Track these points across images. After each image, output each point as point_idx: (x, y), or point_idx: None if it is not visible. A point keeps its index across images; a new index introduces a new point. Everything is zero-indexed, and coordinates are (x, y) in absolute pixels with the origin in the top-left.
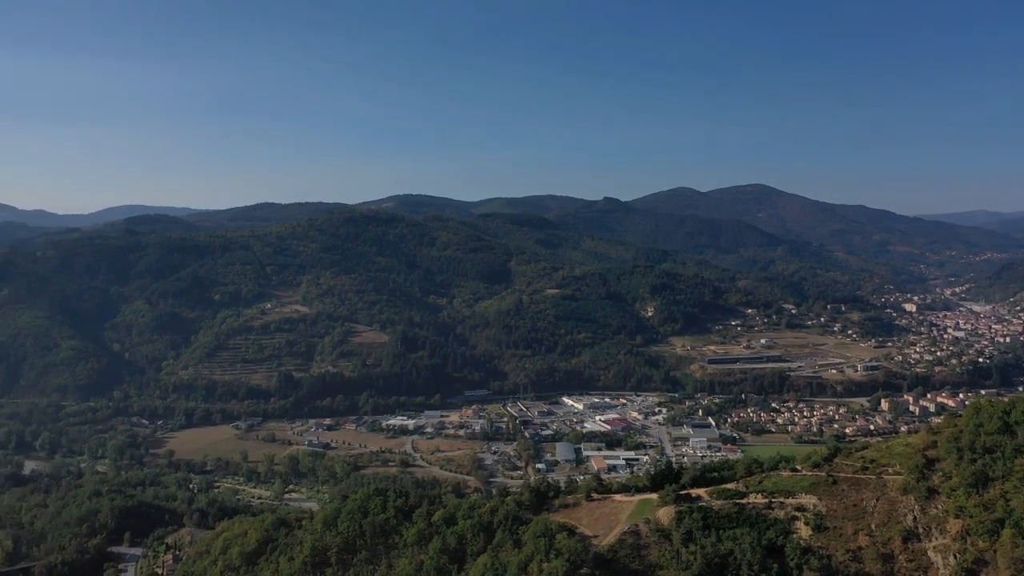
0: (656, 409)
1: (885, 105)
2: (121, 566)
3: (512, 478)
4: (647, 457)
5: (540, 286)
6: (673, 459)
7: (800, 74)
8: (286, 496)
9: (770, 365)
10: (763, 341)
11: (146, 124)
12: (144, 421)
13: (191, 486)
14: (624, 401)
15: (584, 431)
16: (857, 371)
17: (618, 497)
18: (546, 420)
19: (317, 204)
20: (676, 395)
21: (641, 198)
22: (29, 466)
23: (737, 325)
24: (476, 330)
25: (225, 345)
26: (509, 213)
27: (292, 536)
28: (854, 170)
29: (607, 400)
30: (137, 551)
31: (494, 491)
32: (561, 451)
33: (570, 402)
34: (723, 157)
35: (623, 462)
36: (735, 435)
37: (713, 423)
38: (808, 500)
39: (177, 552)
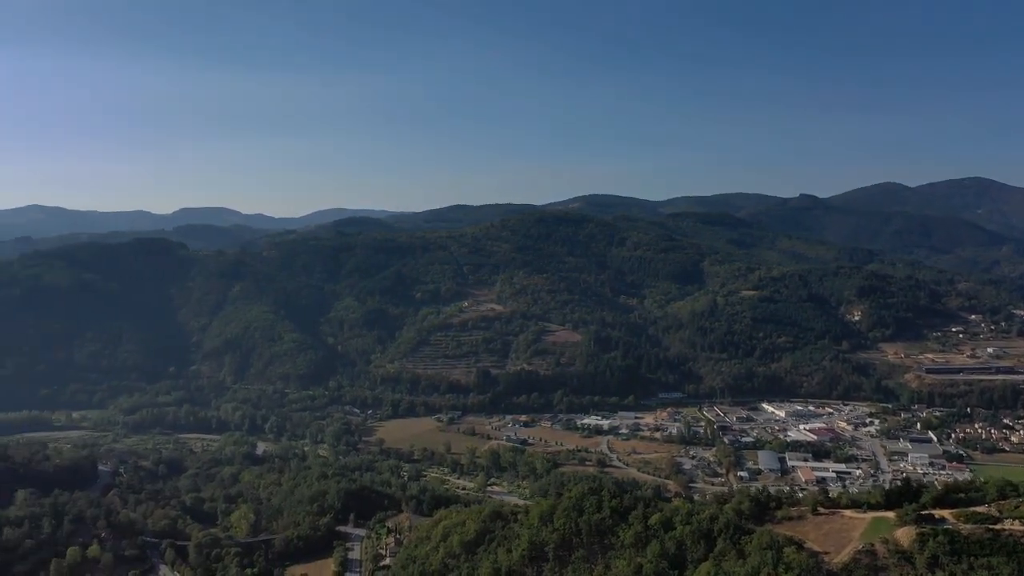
0: (867, 420)
1: None
2: (348, 544)
3: (713, 485)
4: (860, 471)
5: (735, 287)
6: (890, 475)
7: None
8: (488, 489)
9: (1000, 377)
10: (990, 350)
11: (348, 132)
12: (355, 410)
13: (402, 473)
14: (830, 410)
15: (788, 440)
16: None
17: (848, 513)
18: (745, 426)
19: (507, 205)
20: (889, 406)
21: (841, 195)
22: (261, 447)
23: (958, 332)
24: (669, 331)
25: (427, 341)
26: (698, 212)
27: (508, 529)
28: None
29: (811, 408)
30: (361, 532)
31: (695, 496)
32: (764, 459)
33: (770, 409)
34: (934, 148)
35: (833, 475)
36: (961, 452)
37: (934, 438)
38: None
39: (398, 536)
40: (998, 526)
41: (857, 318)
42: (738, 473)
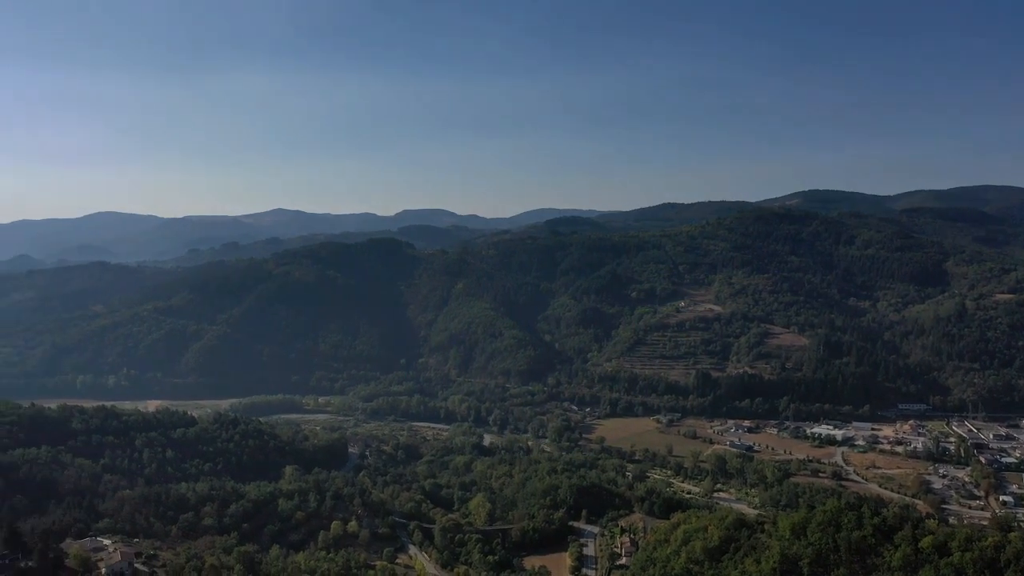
0: None
1: None
2: (582, 541)
3: (970, 508)
4: None
5: (987, 290)
6: None
7: None
8: (714, 495)
9: None
10: None
11: (557, 133)
12: (574, 407)
13: (626, 473)
14: None
15: None
16: None
17: None
18: (1005, 445)
19: (719, 203)
20: None
21: None
22: (486, 438)
23: None
24: (908, 337)
25: (643, 341)
26: (937, 207)
27: (755, 539)
28: None
29: None
30: (593, 528)
31: (950, 520)
32: None
33: None
34: None
35: None
36: None
37: None
38: None
39: (633, 536)
40: None
41: None
42: (1001, 497)
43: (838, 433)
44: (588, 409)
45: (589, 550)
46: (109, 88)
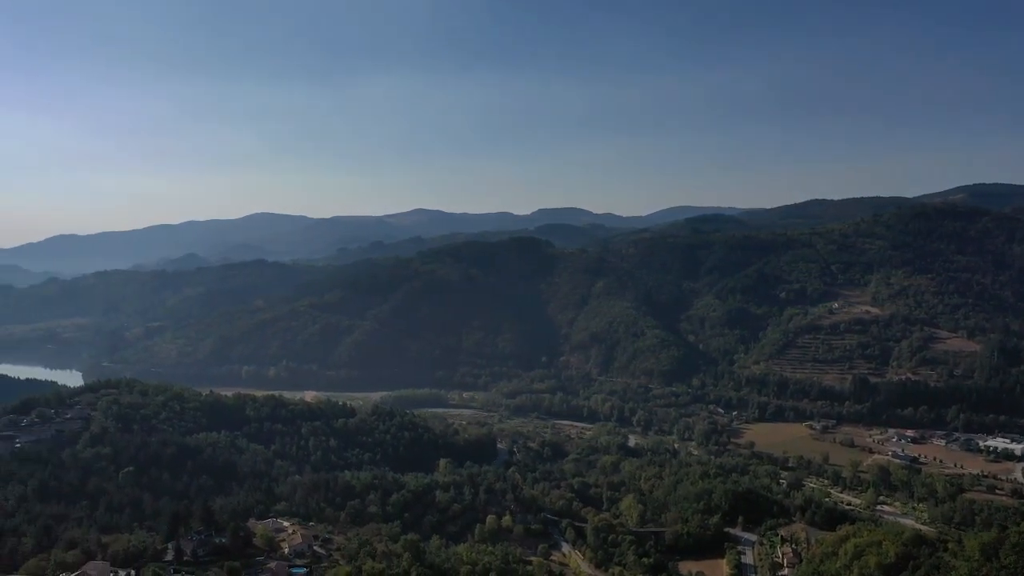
0: None
1: None
2: (739, 548)
3: None
4: None
5: None
6: None
7: None
8: (877, 507)
9: None
10: None
11: (694, 130)
12: (720, 410)
13: (780, 480)
14: None
15: None
16: None
17: None
18: None
19: (872, 199)
20: None
21: None
22: (631, 439)
23: None
24: None
25: (793, 343)
26: None
27: (936, 558)
28: None
29: None
30: (750, 536)
31: None
32: None
33: None
34: None
35: None
36: None
37: None
38: None
39: (795, 546)
40: None
41: None
42: None
43: (1017, 447)
44: (735, 412)
45: (747, 558)
46: (264, 97)
